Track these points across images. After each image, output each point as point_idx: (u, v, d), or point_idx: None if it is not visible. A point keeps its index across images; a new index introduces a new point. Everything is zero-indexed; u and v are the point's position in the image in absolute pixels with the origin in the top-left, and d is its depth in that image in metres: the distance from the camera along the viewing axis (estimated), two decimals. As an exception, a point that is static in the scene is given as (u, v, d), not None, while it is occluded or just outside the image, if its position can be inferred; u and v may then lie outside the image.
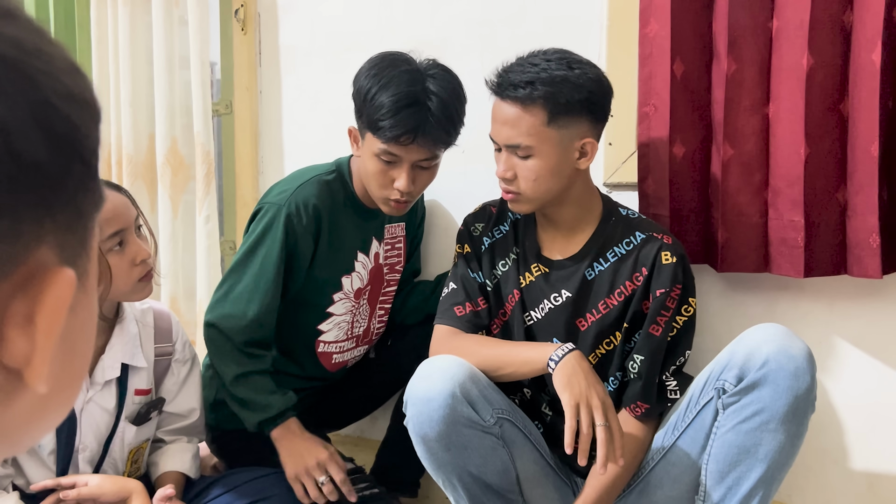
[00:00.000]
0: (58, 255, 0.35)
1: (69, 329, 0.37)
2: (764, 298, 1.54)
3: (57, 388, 0.37)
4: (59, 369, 0.36)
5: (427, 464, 1.38)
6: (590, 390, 1.26)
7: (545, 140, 1.33)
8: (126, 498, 1.42)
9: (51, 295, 0.34)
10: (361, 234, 1.68)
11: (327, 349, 1.72)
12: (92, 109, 0.38)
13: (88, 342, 0.39)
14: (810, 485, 1.54)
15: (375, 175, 1.52)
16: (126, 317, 1.49)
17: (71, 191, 0.35)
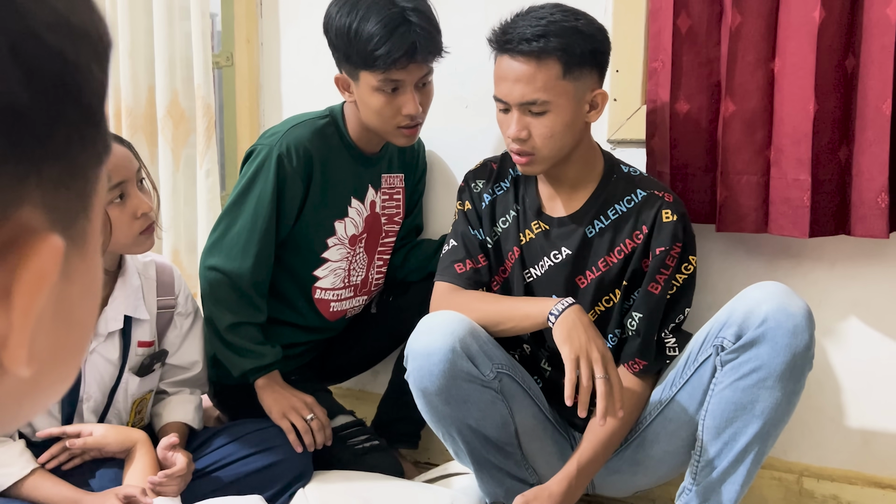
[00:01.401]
0: (46, 218, 0.29)
1: (63, 299, 0.31)
2: (765, 258, 1.54)
3: (50, 364, 0.32)
4: (51, 345, 0.31)
5: (427, 417, 1.39)
6: (590, 343, 1.27)
7: (561, 94, 1.31)
8: (130, 447, 1.45)
9: (31, 265, 0.28)
10: (356, 180, 1.67)
11: (324, 296, 1.72)
12: (95, 43, 0.31)
13: (89, 311, 0.34)
14: (806, 441, 1.56)
15: (381, 109, 1.51)
16: (128, 269, 1.50)
17: (62, 141, 0.30)
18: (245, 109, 2.06)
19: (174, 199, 2.10)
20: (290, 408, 1.58)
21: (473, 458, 1.41)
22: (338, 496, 1.50)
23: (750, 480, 1.32)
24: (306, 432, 1.57)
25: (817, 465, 1.55)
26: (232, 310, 1.59)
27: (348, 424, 1.70)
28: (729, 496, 1.32)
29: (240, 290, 1.59)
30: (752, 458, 1.30)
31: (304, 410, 1.58)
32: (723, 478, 1.32)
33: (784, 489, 1.56)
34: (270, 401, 1.59)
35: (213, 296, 1.60)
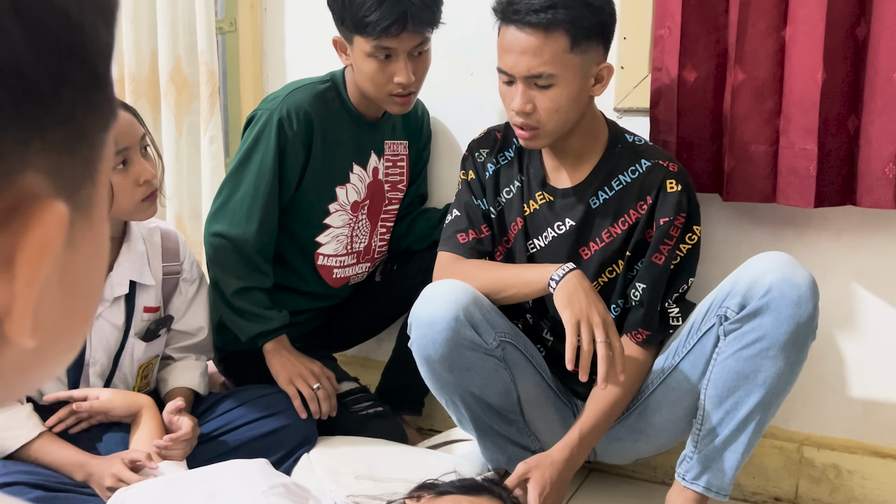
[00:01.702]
0: (50, 183, 0.29)
1: (68, 268, 0.31)
2: (770, 228, 1.54)
3: (55, 334, 0.31)
4: (56, 313, 0.30)
5: (430, 384, 1.40)
6: (590, 308, 1.27)
7: (568, 67, 1.30)
8: (136, 412, 1.46)
9: (34, 233, 0.28)
10: (358, 146, 1.67)
11: (327, 263, 1.72)
12: (101, 2, 0.30)
13: (95, 281, 0.33)
14: (807, 410, 1.57)
15: (373, 76, 1.50)
16: (133, 235, 1.50)
17: (67, 104, 0.29)
18: (249, 75, 2.05)
19: (177, 167, 2.10)
20: (298, 375, 1.59)
21: (476, 425, 1.42)
22: (342, 461, 1.51)
23: (751, 449, 1.33)
24: (312, 400, 1.58)
25: (818, 435, 1.56)
26: (238, 275, 1.60)
27: (352, 391, 1.71)
28: (730, 464, 1.33)
29: (245, 256, 1.59)
30: (754, 427, 1.31)
31: (310, 379, 1.59)
32: (724, 446, 1.33)
33: (784, 458, 1.57)
34: (278, 366, 1.61)
35: (219, 262, 1.61)
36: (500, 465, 1.48)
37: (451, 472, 1.32)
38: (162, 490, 1.13)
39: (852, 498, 1.53)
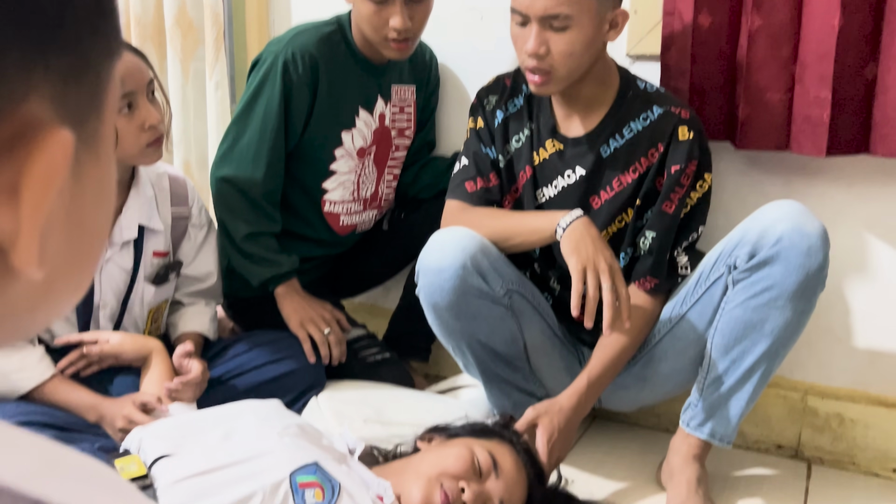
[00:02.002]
0: (55, 112, 0.28)
1: (75, 201, 0.30)
2: (781, 177, 1.53)
3: (62, 270, 0.31)
4: (63, 248, 0.30)
5: (437, 331, 1.41)
6: (597, 255, 1.27)
7: (585, 9, 1.27)
8: (146, 355, 1.47)
9: (40, 161, 0.27)
10: (364, 91, 1.65)
11: (333, 209, 1.72)
12: None
13: (102, 219, 0.33)
14: (812, 360, 1.57)
15: (369, 18, 1.49)
16: (142, 179, 1.49)
17: (72, 31, 0.28)
18: (254, 20, 2.02)
19: (184, 113, 2.08)
20: (309, 319, 1.60)
21: (482, 371, 1.43)
22: (350, 405, 1.53)
23: (755, 397, 1.34)
24: (323, 344, 1.60)
25: (822, 384, 1.57)
26: (247, 220, 1.60)
27: (360, 337, 1.72)
28: (734, 412, 1.34)
29: (253, 201, 1.59)
30: (759, 376, 1.32)
31: (321, 324, 1.60)
32: (729, 394, 1.34)
33: (788, 407, 1.59)
34: (290, 310, 1.62)
35: (227, 207, 1.60)
36: (505, 411, 1.49)
37: (462, 417, 1.34)
38: (178, 430, 1.15)
39: (854, 447, 1.54)
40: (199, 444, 1.11)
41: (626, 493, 1.43)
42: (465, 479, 1.11)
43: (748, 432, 1.62)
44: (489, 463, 1.15)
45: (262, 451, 1.06)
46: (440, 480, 1.10)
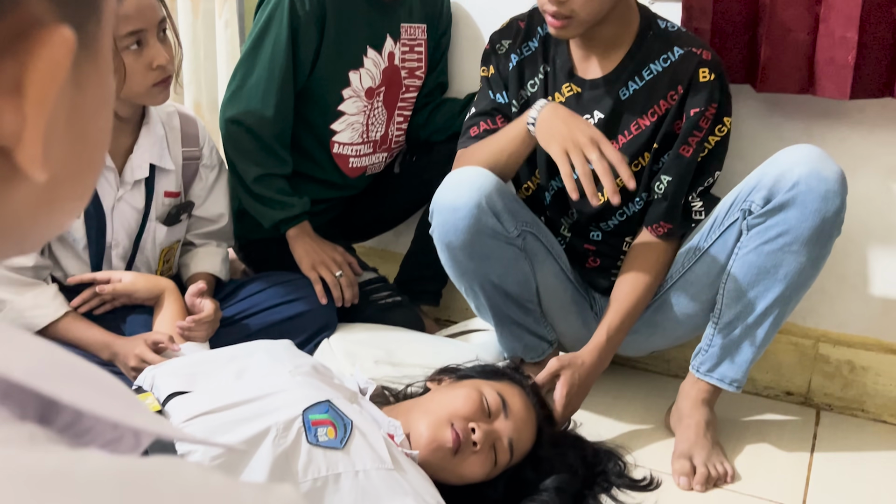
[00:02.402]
0: (54, 12, 0.29)
1: (76, 109, 0.31)
2: (802, 122, 1.50)
3: (65, 177, 0.32)
4: (65, 155, 0.31)
5: (450, 271, 1.41)
6: (573, 131, 1.23)
7: None
8: (159, 295, 1.48)
9: (42, 56, 0.28)
10: (372, 29, 1.62)
11: (342, 151, 1.70)
12: None
13: (103, 128, 0.34)
14: (825, 308, 1.57)
15: None
16: (152, 118, 1.48)
17: None
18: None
19: (194, 52, 2.06)
20: (321, 261, 1.60)
21: (494, 313, 1.43)
22: (361, 346, 1.54)
23: (767, 343, 1.33)
24: (335, 286, 1.60)
25: (835, 332, 1.57)
26: (257, 161, 1.59)
27: (371, 280, 1.72)
28: (745, 357, 1.34)
29: (262, 141, 1.57)
30: (771, 322, 1.31)
31: (333, 266, 1.61)
32: (740, 340, 1.33)
33: (799, 354, 1.58)
34: (301, 252, 1.62)
35: (236, 148, 1.59)
36: (516, 354, 1.50)
37: (473, 360, 1.35)
38: (191, 368, 1.16)
39: (864, 393, 1.55)
40: (212, 382, 1.12)
41: (634, 436, 1.44)
42: (474, 420, 1.12)
43: (758, 378, 1.62)
44: (498, 403, 1.15)
45: (275, 388, 1.06)
46: (450, 421, 1.11)
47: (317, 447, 1.00)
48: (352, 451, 1.01)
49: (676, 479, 1.30)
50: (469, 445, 1.11)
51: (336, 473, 0.99)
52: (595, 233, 1.48)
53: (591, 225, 1.46)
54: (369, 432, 1.05)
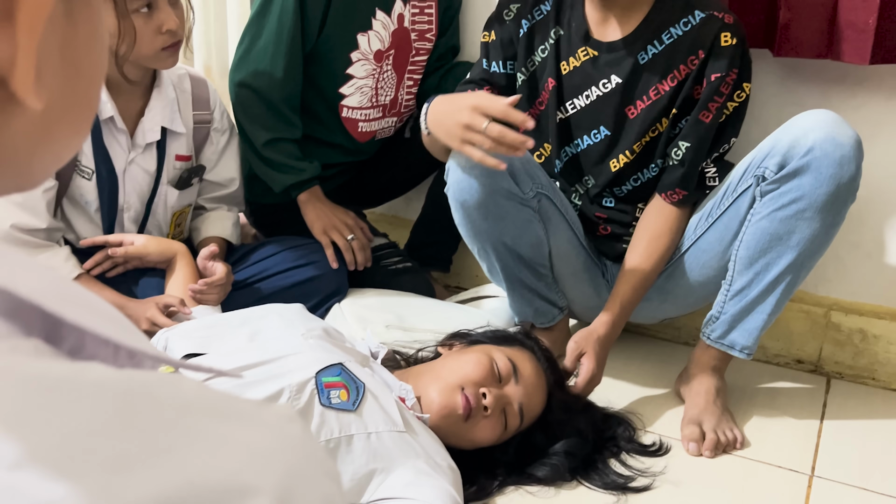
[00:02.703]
0: None
1: (67, 41, 0.32)
2: (819, 87, 1.47)
3: (59, 109, 0.33)
4: (59, 87, 0.32)
5: (464, 231, 1.40)
6: (459, 113, 1.21)
7: None
8: (171, 258, 1.48)
9: None
10: None
11: (352, 115, 1.69)
12: None
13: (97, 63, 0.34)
14: (838, 276, 1.56)
15: None
16: (164, 81, 1.47)
17: None
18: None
19: (204, 14, 2.04)
20: (332, 226, 1.60)
21: (506, 276, 1.43)
22: (372, 311, 1.54)
23: (778, 311, 1.33)
24: (347, 251, 1.60)
25: (847, 300, 1.56)
26: (266, 126, 1.58)
27: (382, 246, 1.72)
28: (756, 324, 1.33)
29: (271, 105, 1.57)
30: (783, 289, 1.30)
31: (344, 230, 1.61)
32: (751, 307, 1.33)
33: (811, 322, 1.58)
34: (313, 216, 1.62)
35: (246, 112, 1.58)
36: (526, 319, 1.50)
37: (483, 325, 1.35)
38: (203, 331, 1.16)
39: (875, 362, 1.54)
40: (226, 345, 1.13)
41: (644, 402, 1.45)
42: (485, 385, 1.13)
43: (768, 346, 1.62)
44: (509, 369, 1.16)
45: (288, 351, 1.07)
46: (461, 386, 1.12)
47: (329, 409, 1.00)
48: (364, 414, 1.02)
49: (686, 444, 1.31)
50: (480, 411, 1.12)
51: (348, 435, 1.00)
52: (608, 199, 1.47)
53: (605, 191, 1.45)
54: (381, 395, 1.06)
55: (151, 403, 0.27)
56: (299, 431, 0.30)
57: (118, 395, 0.26)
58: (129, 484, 0.24)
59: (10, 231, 1.36)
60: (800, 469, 1.27)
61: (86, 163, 1.42)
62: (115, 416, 0.26)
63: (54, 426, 0.25)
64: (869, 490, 1.22)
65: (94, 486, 0.24)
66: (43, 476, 0.23)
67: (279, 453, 0.28)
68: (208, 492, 0.25)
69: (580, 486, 1.19)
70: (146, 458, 0.25)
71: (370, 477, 1.00)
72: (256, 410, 0.29)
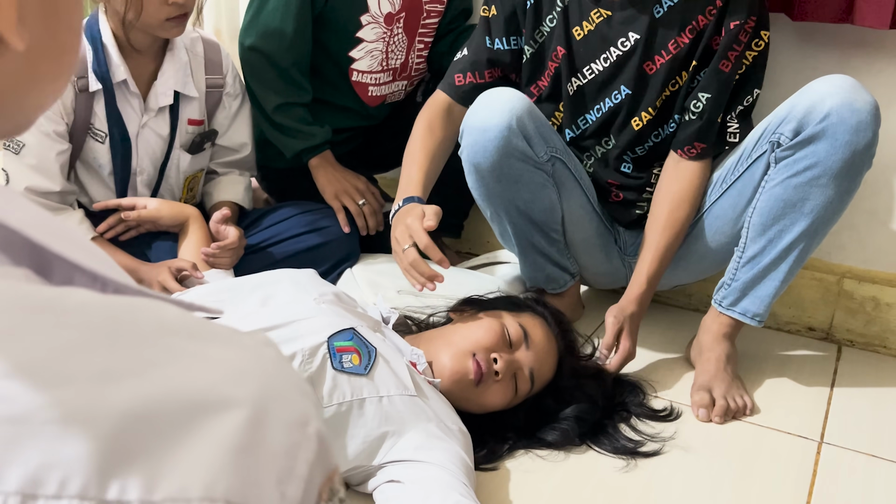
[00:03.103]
0: None
1: None
2: (838, 52, 1.45)
3: (41, 53, 0.34)
4: (39, 29, 0.33)
5: (477, 194, 1.40)
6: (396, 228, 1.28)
7: None
8: (183, 222, 1.49)
9: None
10: None
11: (361, 79, 1.68)
12: None
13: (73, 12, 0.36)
14: (853, 244, 1.55)
15: None
16: (177, 44, 1.47)
17: None
18: None
19: (214, -24, 2.01)
20: (343, 191, 1.60)
21: (518, 240, 1.43)
22: (384, 276, 1.55)
23: (791, 277, 1.32)
24: (359, 216, 1.60)
25: (861, 268, 1.55)
26: (276, 90, 1.57)
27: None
28: (768, 291, 1.33)
29: (281, 69, 1.56)
30: (796, 256, 1.29)
31: (356, 195, 1.61)
32: (763, 274, 1.32)
33: (823, 290, 1.58)
34: (324, 181, 1.62)
35: (256, 77, 1.58)
36: (538, 285, 1.50)
37: (495, 291, 1.35)
38: (216, 295, 1.17)
39: (887, 329, 1.54)
40: (238, 309, 1.13)
41: (655, 368, 1.45)
42: (496, 350, 1.13)
43: (780, 313, 1.62)
44: (520, 334, 1.16)
45: (300, 315, 1.08)
46: (472, 352, 1.12)
47: (342, 373, 1.01)
48: (376, 378, 1.03)
49: (695, 410, 1.31)
50: (491, 376, 1.12)
51: (360, 398, 1.01)
52: (626, 164, 1.45)
53: (625, 153, 1.43)
54: (393, 360, 1.07)
55: (134, 323, 0.29)
56: (275, 354, 0.31)
57: (103, 315, 0.28)
58: (114, 393, 0.26)
59: (25, 194, 1.37)
60: (809, 436, 1.27)
61: (99, 126, 1.42)
62: (100, 333, 0.27)
63: (40, 342, 0.26)
64: (878, 457, 1.22)
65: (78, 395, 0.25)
66: (31, 385, 0.25)
67: (256, 371, 0.29)
68: (189, 402, 0.26)
69: (590, 450, 1.20)
70: (129, 371, 0.26)
71: (382, 440, 1.02)
72: (235, 334, 0.31)
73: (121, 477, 0.25)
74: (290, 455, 0.28)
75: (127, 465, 0.25)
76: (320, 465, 0.29)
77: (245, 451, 0.26)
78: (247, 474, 0.26)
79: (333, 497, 0.30)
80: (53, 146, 1.38)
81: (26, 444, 0.24)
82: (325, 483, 0.29)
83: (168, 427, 0.26)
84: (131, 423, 0.25)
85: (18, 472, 0.24)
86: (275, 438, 0.28)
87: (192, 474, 0.25)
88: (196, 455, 0.26)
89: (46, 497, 0.24)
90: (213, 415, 0.27)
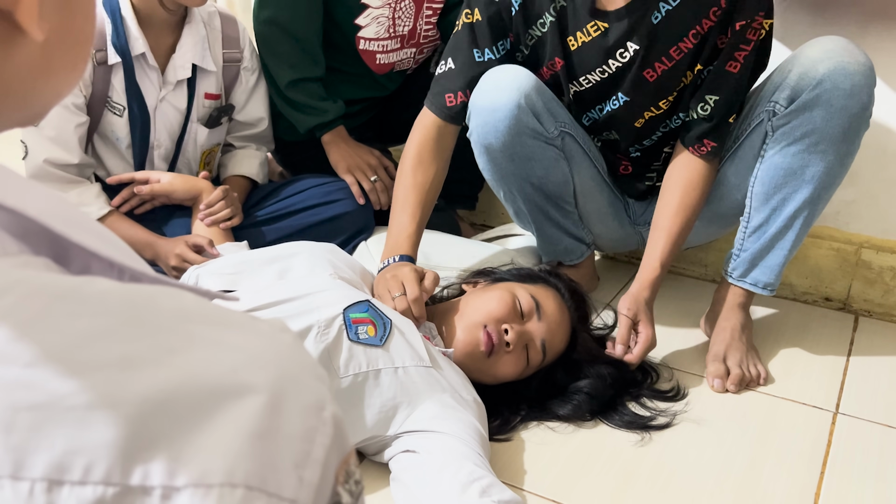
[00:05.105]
0: None
1: None
2: (856, 20, 1.42)
3: (58, 43, 0.34)
4: (56, 20, 0.34)
5: (489, 175, 1.39)
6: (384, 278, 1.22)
7: None
8: (197, 195, 1.50)
9: None
10: None
11: (368, 47, 1.67)
12: None
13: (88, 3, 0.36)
14: (871, 213, 1.53)
15: None
16: (195, 17, 1.46)
17: None
18: None
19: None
20: (356, 166, 1.61)
21: (534, 217, 1.43)
22: (398, 249, 1.55)
23: (797, 245, 1.30)
24: (372, 191, 1.60)
25: (879, 238, 1.54)
26: (291, 63, 1.57)
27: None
28: (776, 260, 1.32)
29: (296, 41, 1.55)
30: (801, 224, 1.28)
31: (368, 171, 1.61)
32: (770, 244, 1.31)
33: (840, 259, 1.56)
34: (337, 156, 1.62)
35: (270, 50, 1.57)
36: (555, 258, 1.50)
37: (508, 263, 1.35)
38: (233, 268, 1.18)
39: (905, 300, 1.53)
40: (255, 281, 1.14)
41: (670, 339, 1.45)
42: (507, 322, 1.13)
43: (796, 284, 1.61)
44: (531, 305, 1.16)
45: (316, 288, 1.08)
46: (484, 323, 1.13)
47: (357, 344, 1.02)
48: (391, 349, 1.04)
49: (710, 380, 1.32)
50: (502, 346, 1.13)
51: (376, 369, 1.02)
52: (636, 152, 1.43)
53: (633, 145, 1.41)
54: (407, 331, 1.08)
55: (154, 311, 0.29)
56: (291, 339, 0.32)
57: (123, 303, 0.29)
58: (135, 380, 0.26)
59: (44, 165, 1.38)
60: (824, 406, 1.27)
61: (117, 99, 1.43)
62: (121, 321, 0.28)
63: (63, 330, 0.27)
64: (893, 427, 1.22)
65: (101, 382, 0.26)
66: (56, 372, 0.26)
67: (273, 357, 0.30)
68: (208, 389, 0.27)
69: (600, 424, 1.21)
70: (150, 358, 0.27)
71: (396, 410, 1.03)
72: (251, 321, 0.31)
73: (144, 463, 0.25)
74: (307, 439, 0.28)
75: (149, 451, 0.25)
76: (336, 449, 0.29)
77: (263, 436, 0.27)
78: (265, 459, 0.27)
79: (349, 479, 0.30)
80: (72, 118, 1.38)
81: (52, 431, 0.25)
82: (341, 466, 0.30)
83: (188, 413, 0.26)
84: (153, 409, 0.26)
85: (44, 459, 0.25)
86: (292, 423, 0.28)
87: (212, 460, 0.26)
88: (215, 441, 0.26)
89: (72, 483, 0.25)
90: (231, 401, 0.27)
